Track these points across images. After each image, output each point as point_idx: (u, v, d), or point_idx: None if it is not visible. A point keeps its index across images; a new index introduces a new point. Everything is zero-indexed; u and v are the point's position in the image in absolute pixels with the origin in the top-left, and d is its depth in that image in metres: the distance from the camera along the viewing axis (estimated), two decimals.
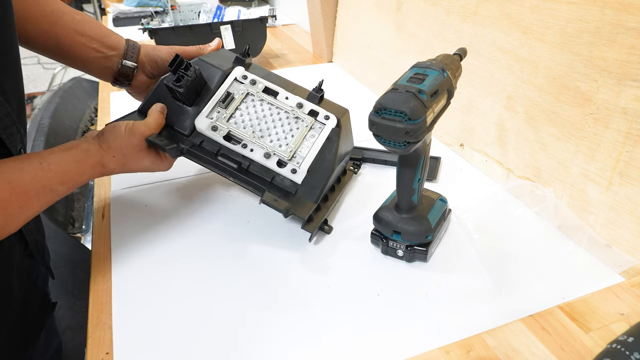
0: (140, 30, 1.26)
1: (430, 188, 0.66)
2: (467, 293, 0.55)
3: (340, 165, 0.68)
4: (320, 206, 0.64)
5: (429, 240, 0.58)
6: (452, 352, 0.47)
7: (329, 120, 0.65)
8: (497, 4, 0.71)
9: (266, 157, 0.62)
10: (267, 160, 0.62)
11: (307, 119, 0.65)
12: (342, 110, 0.69)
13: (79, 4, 4.40)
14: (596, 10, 0.56)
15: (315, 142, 0.64)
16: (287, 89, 0.68)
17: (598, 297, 0.52)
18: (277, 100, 0.66)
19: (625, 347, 0.39)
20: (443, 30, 0.84)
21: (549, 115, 0.64)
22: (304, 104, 0.66)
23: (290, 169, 0.62)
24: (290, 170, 0.62)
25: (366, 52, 1.13)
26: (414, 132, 0.48)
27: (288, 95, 0.66)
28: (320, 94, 0.67)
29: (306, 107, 0.66)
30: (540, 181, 0.67)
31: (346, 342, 0.49)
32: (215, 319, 0.52)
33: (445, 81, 0.53)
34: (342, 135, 0.66)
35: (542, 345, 0.47)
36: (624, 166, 0.55)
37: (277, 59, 1.37)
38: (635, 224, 0.54)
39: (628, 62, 0.53)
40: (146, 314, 0.53)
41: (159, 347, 0.49)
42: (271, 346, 0.49)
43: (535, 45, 0.65)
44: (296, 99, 0.66)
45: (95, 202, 0.73)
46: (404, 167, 0.55)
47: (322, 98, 0.68)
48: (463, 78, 0.60)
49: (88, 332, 0.51)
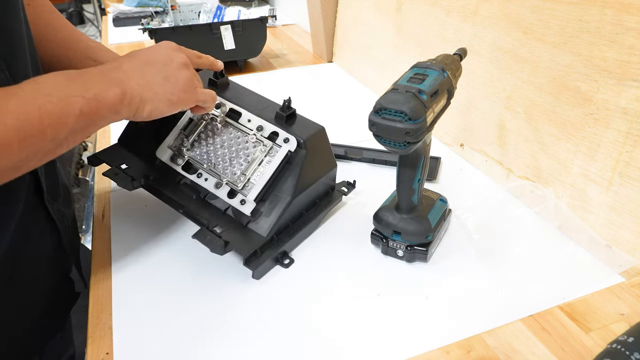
0: (140, 30, 1.26)
1: (431, 188, 0.66)
2: (467, 293, 0.55)
3: (314, 189, 0.63)
4: (277, 238, 0.59)
5: (429, 240, 0.58)
6: (452, 352, 0.47)
7: (287, 143, 0.59)
8: (497, 4, 0.71)
9: (217, 186, 0.59)
10: (218, 190, 0.59)
11: (266, 143, 0.60)
12: (314, 129, 0.62)
13: (79, 4, 4.40)
14: (596, 11, 0.56)
15: (268, 168, 0.59)
16: (254, 109, 0.63)
17: (598, 297, 0.52)
18: (239, 124, 0.62)
19: (625, 347, 0.39)
20: (443, 31, 0.84)
21: (549, 115, 0.64)
22: (264, 127, 0.61)
23: (239, 200, 0.58)
24: (239, 201, 0.58)
25: (366, 52, 1.13)
26: (414, 132, 0.48)
27: (250, 117, 0.62)
28: (287, 113, 0.61)
29: (267, 129, 0.61)
30: (541, 181, 0.67)
31: (346, 342, 0.49)
32: (217, 317, 0.52)
33: (446, 81, 0.53)
34: (311, 157, 0.60)
35: (542, 345, 0.47)
36: (624, 166, 0.55)
37: (277, 59, 1.37)
38: (636, 224, 0.54)
39: (628, 62, 0.53)
40: (146, 314, 0.53)
41: (159, 347, 0.49)
42: (271, 345, 0.49)
43: (535, 46, 0.65)
44: (258, 121, 0.61)
45: (95, 202, 0.73)
46: (404, 167, 0.55)
47: (293, 117, 0.62)
48: (463, 78, 0.60)
49: (88, 332, 0.51)
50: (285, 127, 0.61)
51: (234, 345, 0.49)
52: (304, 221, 0.62)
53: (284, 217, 0.58)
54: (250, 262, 0.55)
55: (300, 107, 0.65)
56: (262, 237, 0.57)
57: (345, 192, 0.69)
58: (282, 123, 0.61)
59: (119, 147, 0.68)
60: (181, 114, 0.64)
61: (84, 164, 1.63)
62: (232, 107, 0.63)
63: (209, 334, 0.51)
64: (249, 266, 0.55)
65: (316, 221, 0.64)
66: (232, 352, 0.48)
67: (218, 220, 0.58)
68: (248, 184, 0.58)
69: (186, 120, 0.63)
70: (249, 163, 0.60)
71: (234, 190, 0.59)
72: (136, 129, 0.68)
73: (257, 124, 0.61)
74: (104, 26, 1.81)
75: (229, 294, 0.55)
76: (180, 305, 0.54)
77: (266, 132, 0.61)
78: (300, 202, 0.61)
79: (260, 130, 0.61)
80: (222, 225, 0.57)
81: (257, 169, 0.59)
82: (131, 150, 0.67)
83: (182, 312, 0.53)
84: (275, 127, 0.60)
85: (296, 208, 0.61)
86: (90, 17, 4.34)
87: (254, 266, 0.55)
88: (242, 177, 0.59)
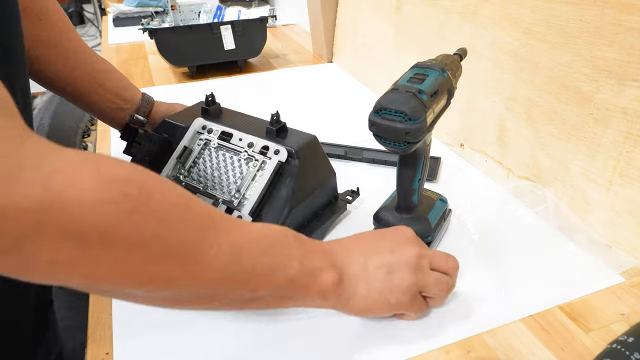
0: (140, 30, 1.26)
1: (431, 188, 0.66)
2: (467, 293, 0.55)
3: (313, 199, 0.62)
4: None
5: (429, 240, 0.58)
6: (452, 352, 0.47)
7: (278, 154, 0.59)
8: (498, 4, 0.71)
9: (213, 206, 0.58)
10: None
11: (257, 158, 0.60)
12: (305, 139, 0.62)
13: (79, 4, 4.40)
14: (596, 11, 0.56)
15: (260, 182, 0.58)
16: (245, 129, 0.63)
17: (598, 298, 0.52)
18: (231, 144, 0.62)
19: (625, 348, 0.39)
20: (443, 31, 0.84)
21: (549, 115, 0.64)
22: (255, 143, 0.61)
23: (236, 217, 0.57)
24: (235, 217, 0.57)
25: (366, 52, 1.13)
26: (414, 132, 0.48)
27: (241, 136, 0.62)
28: (276, 127, 0.61)
29: (257, 145, 0.60)
30: (541, 181, 0.67)
31: (346, 343, 0.49)
32: (216, 319, 0.52)
33: (446, 81, 0.53)
34: (305, 167, 0.59)
35: (542, 345, 0.47)
36: (624, 166, 0.55)
37: (277, 59, 1.37)
38: (636, 224, 0.54)
39: (628, 62, 0.53)
40: (146, 313, 0.53)
41: (159, 347, 0.49)
42: (271, 346, 0.49)
43: (535, 46, 0.65)
44: (249, 138, 0.61)
45: None
46: (404, 167, 0.55)
47: (283, 130, 0.63)
48: (463, 78, 0.60)
49: (88, 332, 0.51)
50: (275, 140, 0.61)
51: (235, 345, 0.49)
52: (307, 232, 0.61)
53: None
54: None
55: (300, 107, 0.64)
56: None
57: (349, 200, 0.68)
58: (273, 137, 0.61)
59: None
60: (177, 144, 0.65)
61: None
62: (224, 129, 0.64)
63: (209, 334, 0.50)
64: None
65: (320, 232, 0.63)
66: (233, 353, 0.48)
67: None
68: (243, 200, 0.58)
69: (181, 149, 0.64)
70: (242, 180, 0.59)
71: (230, 208, 0.58)
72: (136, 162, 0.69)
73: (248, 141, 0.61)
74: (104, 26, 1.82)
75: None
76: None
77: (257, 148, 0.61)
78: (299, 213, 0.60)
79: (251, 146, 0.61)
80: None
81: (251, 184, 0.59)
82: None
83: (182, 313, 0.53)
84: (266, 141, 0.60)
85: (296, 219, 0.60)
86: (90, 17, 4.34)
87: None
88: (237, 194, 0.59)
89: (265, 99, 1.07)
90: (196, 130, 0.65)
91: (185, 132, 0.65)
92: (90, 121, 1.62)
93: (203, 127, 0.65)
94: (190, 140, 0.64)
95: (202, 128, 0.65)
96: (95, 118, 0.74)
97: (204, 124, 0.65)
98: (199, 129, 0.65)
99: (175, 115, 0.71)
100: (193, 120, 0.66)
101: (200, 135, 0.65)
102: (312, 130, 0.64)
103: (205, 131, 0.64)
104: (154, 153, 0.67)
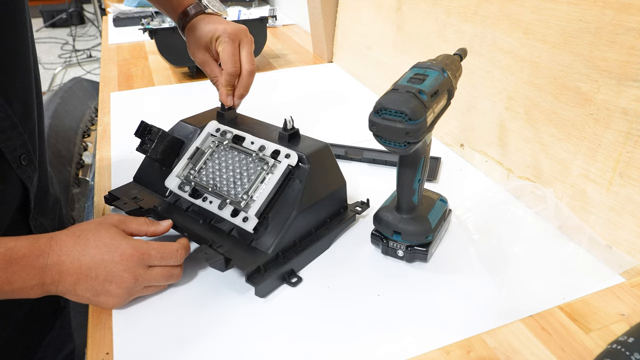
0: (140, 30, 1.26)
1: (431, 188, 0.66)
2: (467, 293, 0.55)
3: (322, 207, 0.62)
4: (282, 256, 0.57)
5: (429, 240, 0.58)
6: (452, 352, 0.47)
7: (288, 158, 0.59)
8: (498, 5, 0.71)
9: (220, 207, 0.58)
10: (222, 211, 0.58)
11: (268, 160, 0.60)
12: (317, 146, 0.62)
13: (79, 4, 4.41)
14: (596, 11, 0.56)
15: (269, 184, 0.58)
16: (258, 133, 0.64)
17: (598, 298, 0.52)
18: (242, 147, 0.63)
19: (625, 348, 0.39)
20: (443, 31, 0.84)
21: (549, 115, 0.64)
22: (267, 146, 0.61)
23: (242, 218, 0.57)
24: (242, 218, 0.57)
25: (366, 52, 1.13)
26: (414, 133, 0.48)
27: (254, 140, 0.62)
28: (289, 132, 0.63)
29: (269, 148, 0.61)
30: (541, 182, 0.67)
31: (346, 343, 0.49)
32: (217, 318, 0.52)
33: (446, 81, 0.53)
34: (315, 173, 0.59)
35: (542, 345, 0.47)
36: (624, 167, 0.55)
37: (277, 59, 1.37)
38: (636, 224, 0.54)
39: (628, 63, 0.53)
40: (146, 314, 0.53)
41: (159, 347, 0.49)
42: (271, 345, 0.49)
43: (535, 46, 0.65)
44: (260, 141, 0.62)
45: (95, 202, 0.73)
46: (404, 167, 0.55)
47: (296, 136, 0.64)
48: (463, 78, 0.60)
49: (88, 332, 0.51)
50: (287, 145, 0.61)
51: (235, 345, 0.49)
52: (313, 239, 0.61)
53: (288, 234, 0.57)
54: (253, 278, 0.54)
55: (300, 107, 0.64)
56: (266, 254, 0.56)
57: (359, 211, 0.67)
58: (285, 142, 0.62)
59: (134, 184, 0.71)
60: (189, 145, 0.67)
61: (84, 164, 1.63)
62: (237, 133, 0.64)
63: (209, 336, 0.50)
64: (252, 282, 0.54)
65: (327, 240, 0.62)
66: (232, 351, 0.48)
67: (222, 241, 0.58)
68: (250, 202, 0.58)
69: (193, 150, 0.65)
70: (251, 181, 0.60)
71: (237, 209, 0.58)
72: (149, 165, 0.70)
73: (259, 145, 0.62)
74: (104, 26, 1.81)
75: (232, 302, 0.55)
76: (182, 309, 0.54)
77: (268, 151, 0.61)
78: (306, 219, 0.60)
79: (262, 150, 0.61)
80: (226, 245, 0.57)
81: (259, 187, 0.59)
82: (145, 186, 0.70)
83: (183, 314, 0.53)
84: (277, 145, 0.61)
85: (302, 225, 0.60)
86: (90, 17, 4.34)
87: (256, 282, 0.54)
88: (245, 196, 0.58)
89: (266, 99, 1.07)
90: (210, 132, 0.66)
91: (199, 134, 0.67)
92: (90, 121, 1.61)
93: (217, 129, 0.66)
94: (203, 142, 0.65)
95: (216, 131, 0.65)
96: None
97: (217, 127, 0.66)
98: (212, 131, 0.66)
99: (191, 117, 0.72)
100: (207, 123, 0.67)
101: (213, 137, 0.65)
102: (312, 130, 0.64)
103: (219, 134, 0.65)
104: (166, 152, 0.67)
